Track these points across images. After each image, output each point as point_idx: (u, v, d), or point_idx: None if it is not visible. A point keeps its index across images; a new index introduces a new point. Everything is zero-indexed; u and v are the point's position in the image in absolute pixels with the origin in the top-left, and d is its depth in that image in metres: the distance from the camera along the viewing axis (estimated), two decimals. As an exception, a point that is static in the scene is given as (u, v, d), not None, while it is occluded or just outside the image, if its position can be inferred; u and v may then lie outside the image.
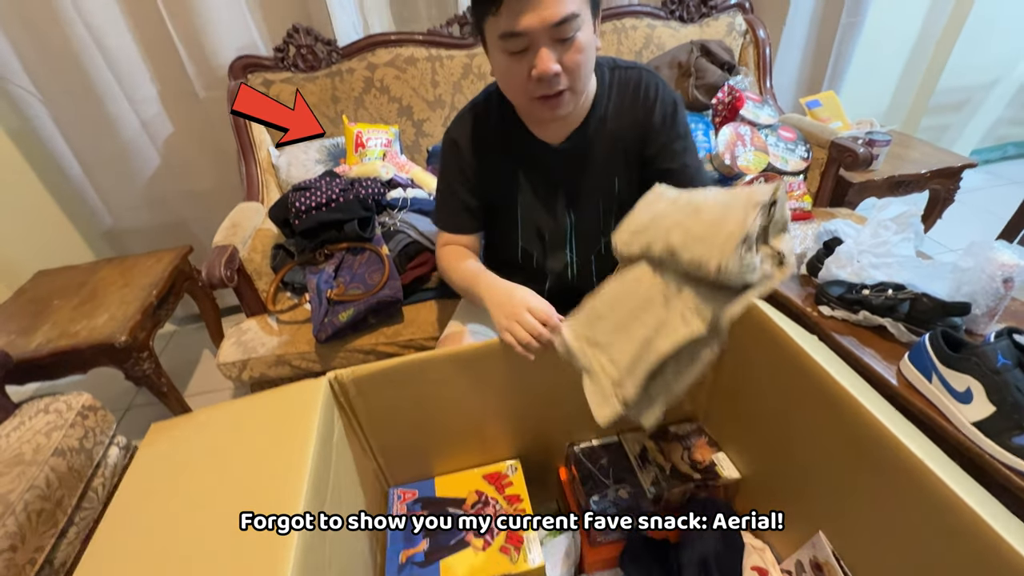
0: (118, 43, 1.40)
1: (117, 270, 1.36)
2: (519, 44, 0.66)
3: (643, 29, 1.63)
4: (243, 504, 0.50)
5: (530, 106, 0.74)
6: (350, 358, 1.14)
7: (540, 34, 0.65)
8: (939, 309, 0.87)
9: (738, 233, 0.46)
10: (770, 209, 0.48)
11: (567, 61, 0.68)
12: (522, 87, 0.71)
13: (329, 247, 1.18)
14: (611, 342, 0.59)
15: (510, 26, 0.65)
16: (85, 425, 0.94)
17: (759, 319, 0.69)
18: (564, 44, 0.67)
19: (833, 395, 0.57)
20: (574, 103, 0.75)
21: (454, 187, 0.88)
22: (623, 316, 0.58)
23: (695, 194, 0.59)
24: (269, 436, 0.61)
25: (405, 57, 1.50)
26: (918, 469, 0.48)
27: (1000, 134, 2.46)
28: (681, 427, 0.90)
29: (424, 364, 0.72)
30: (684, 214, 0.54)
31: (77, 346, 1.10)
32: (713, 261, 0.47)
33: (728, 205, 0.50)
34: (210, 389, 1.64)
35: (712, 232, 0.48)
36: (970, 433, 0.74)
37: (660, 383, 0.56)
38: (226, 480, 0.56)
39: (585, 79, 0.73)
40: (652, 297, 0.55)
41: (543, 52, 0.66)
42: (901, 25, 2.06)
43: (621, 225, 0.65)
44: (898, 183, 1.49)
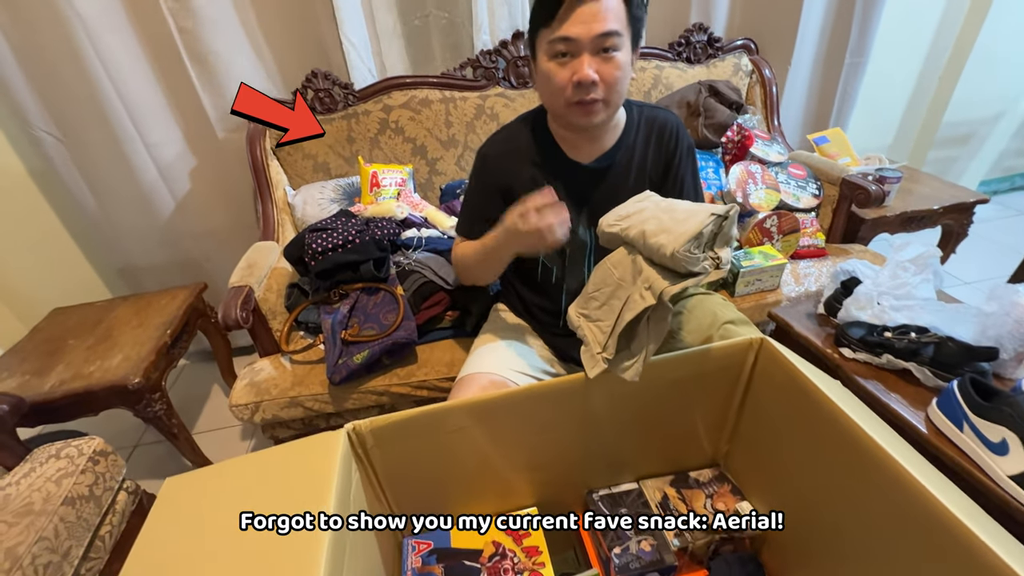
0: (139, 87, 1.44)
1: (132, 308, 1.37)
2: (565, 48, 0.76)
3: (651, 70, 1.66)
4: (261, 564, 0.49)
5: (566, 110, 0.81)
6: (363, 399, 1.12)
7: (585, 43, 0.75)
8: (965, 354, 0.85)
9: (693, 231, 0.60)
10: (722, 223, 0.62)
11: (605, 73, 0.77)
12: (561, 91, 0.79)
13: (344, 287, 1.19)
14: (599, 317, 0.72)
15: (560, 32, 0.75)
16: (96, 471, 0.93)
17: (779, 361, 0.69)
18: (604, 57, 0.76)
19: (863, 447, 0.55)
20: (606, 114, 0.82)
21: (481, 201, 0.93)
22: (606, 295, 0.72)
23: (674, 201, 0.72)
24: (286, 492, 0.60)
25: (420, 99, 1.53)
26: (958, 530, 0.46)
27: (1007, 165, 2.47)
28: (702, 473, 0.88)
29: (442, 414, 0.70)
30: (661, 211, 0.69)
31: (90, 388, 1.09)
32: (669, 247, 0.61)
33: (693, 212, 0.64)
34: (220, 426, 1.63)
35: (675, 226, 0.63)
36: (1008, 487, 0.71)
37: (638, 342, 0.68)
38: (243, 537, 0.54)
39: (618, 95, 0.81)
40: (624, 279, 0.70)
41: (585, 58, 0.76)
42: (904, 63, 2.11)
43: (610, 212, 0.75)
44: (910, 218, 1.49)
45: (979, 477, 0.75)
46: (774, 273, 1.25)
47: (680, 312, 0.90)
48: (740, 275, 1.22)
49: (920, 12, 1.99)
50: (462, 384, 0.91)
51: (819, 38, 1.83)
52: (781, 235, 1.35)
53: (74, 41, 1.32)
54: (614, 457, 0.83)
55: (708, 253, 0.63)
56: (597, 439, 0.79)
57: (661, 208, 0.70)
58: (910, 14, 1.95)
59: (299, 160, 1.53)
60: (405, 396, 1.14)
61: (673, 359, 0.73)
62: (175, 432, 1.23)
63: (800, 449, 0.68)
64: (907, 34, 2.01)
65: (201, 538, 0.56)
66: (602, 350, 0.70)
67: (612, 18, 0.74)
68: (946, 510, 0.47)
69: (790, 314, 1.11)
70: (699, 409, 0.81)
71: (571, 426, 0.75)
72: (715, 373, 0.76)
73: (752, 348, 0.74)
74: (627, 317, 0.66)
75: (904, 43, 2.03)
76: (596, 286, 0.75)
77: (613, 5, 0.75)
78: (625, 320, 0.67)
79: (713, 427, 0.84)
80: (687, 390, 0.77)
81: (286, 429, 1.20)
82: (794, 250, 1.38)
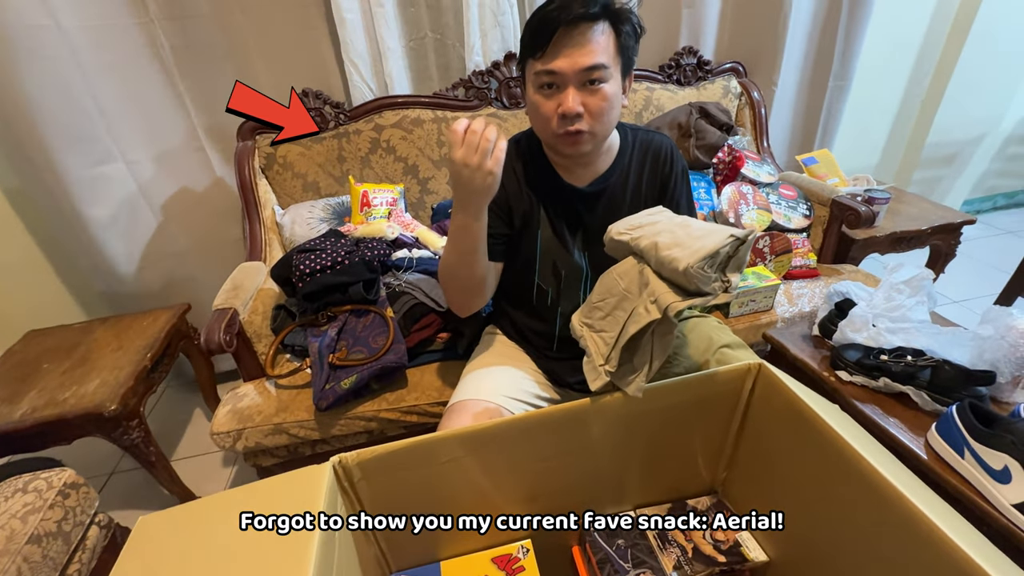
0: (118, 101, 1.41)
1: (112, 330, 1.32)
2: (551, 80, 0.76)
3: (643, 92, 1.68)
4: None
5: (554, 140, 0.82)
6: (351, 425, 1.09)
7: (570, 76, 0.75)
8: (963, 378, 0.84)
9: (710, 249, 0.59)
10: (738, 247, 0.60)
11: (591, 105, 0.77)
12: (548, 122, 0.79)
13: (332, 309, 1.16)
14: (603, 327, 0.71)
15: (546, 65, 0.75)
16: (65, 505, 0.88)
17: (777, 387, 0.67)
18: (590, 89, 0.76)
19: (863, 475, 0.54)
20: (592, 144, 0.82)
21: None
22: (611, 305, 0.71)
23: (689, 218, 0.71)
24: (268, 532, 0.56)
25: (412, 119, 1.53)
26: (963, 561, 0.45)
27: (989, 185, 2.53)
28: (700, 501, 0.85)
29: (433, 444, 0.68)
30: (676, 225, 0.68)
31: (64, 415, 1.05)
32: (683, 262, 0.60)
33: (711, 231, 0.63)
34: (202, 451, 1.57)
35: (691, 242, 0.61)
36: (1012, 516, 0.70)
37: (641, 356, 0.67)
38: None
39: (606, 125, 0.80)
40: (630, 290, 0.69)
41: (570, 91, 0.76)
42: (887, 87, 2.16)
43: (621, 220, 0.74)
44: (900, 239, 1.51)
45: (981, 505, 0.73)
46: (768, 294, 1.24)
47: (675, 336, 0.88)
48: (734, 296, 1.22)
49: (901, 39, 2.05)
50: (453, 412, 0.88)
51: (803, 62, 1.87)
52: (774, 255, 1.35)
53: (57, 59, 1.29)
54: (611, 486, 0.81)
55: (719, 275, 0.62)
56: (593, 468, 0.77)
57: (676, 223, 0.69)
58: (892, 40, 2.01)
59: (288, 179, 1.51)
60: (395, 422, 1.10)
61: (670, 385, 0.71)
62: (153, 460, 1.18)
63: (799, 476, 0.67)
64: (889, 59, 2.06)
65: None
66: (605, 362, 0.68)
67: (599, 51, 0.74)
68: (950, 540, 0.46)
69: (785, 336, 1.11)
70: (697, 435, 0.79)
71: (567, 455, 0.73)
72: (713, 399, 0.74)
73: (750, 373, 0.72)
74: (631, 330, 0.65)
75: (887, 68, 2.08)
76: (601, 296, 0.73)
77: (600, 39, 0.74)
78: (629, 333, 0.65)
79: (711, 454, 0.82)
80: (684, 416, 0.75)
81: (270, 457, 1.15)
82: (787, 270, 1.38)
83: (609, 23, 0.75)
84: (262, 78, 1.52)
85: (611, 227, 0.74)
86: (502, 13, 1.54)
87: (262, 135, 1.48)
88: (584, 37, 0.73)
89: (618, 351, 0.66)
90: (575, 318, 0.76)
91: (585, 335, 0.73)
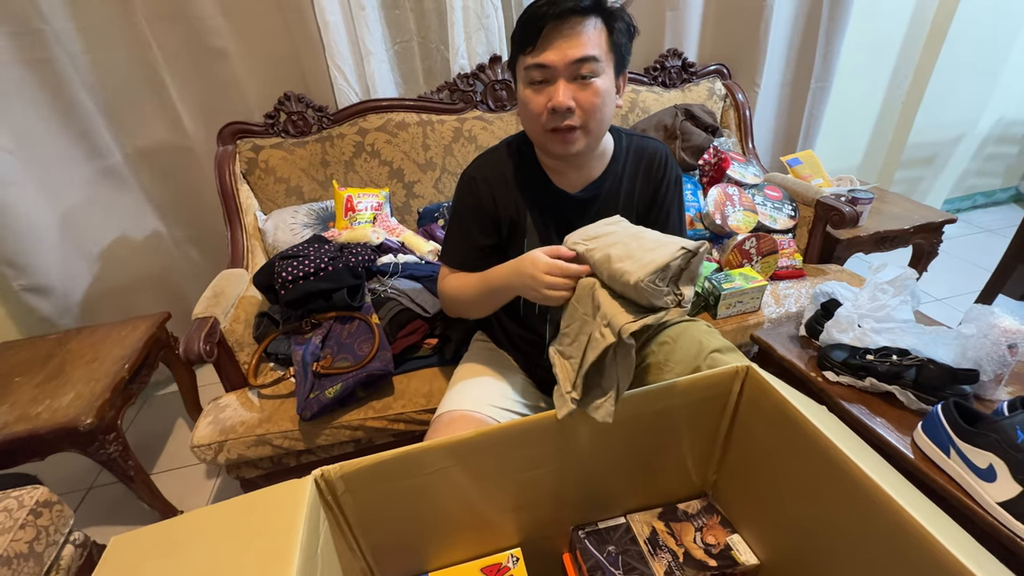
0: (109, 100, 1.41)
1: (88, 341, 1.28)
2: (541, 75, 0.75)
3: (629, 94, 1.69)
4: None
5: (544, 138, 0.80)
6: (336, 435, 1.07)
7: (561, 69, 0.73)
8: (947, 376, 0.85)
9: (660, 262, 0.58)
10: (690, 260, 0.60)
11: (582, 100, 0.75)
12: (538, 118, 0.77)
13: (316, 316, 1.14)
14: (571, 354, 0.70)
15: (536, 59, 0.74)
16: (38, 525, 0.85)
17: (764, 389, 0.67)
18: (582, 84, 0.74)
19: (851, 476, 0.54)
20: (585, 143, 0.79)
21: (467, 224, 0.89)
22: (575, 331, 0.70)
23: (643, 229, 0.71)
24: (245, 552, 0.54)
25: (396, 122, 1.51)
26: (949, 562, 0.45)
27: (968, 184, 2.58)
28: (690, 505, 0.85)
29: (419, 455, 0.66)
30: (630, 237, 0.67)
31: (36, 431, 1.01)
32: (634, 276, 0.59)
33: (662, 243, 0.62)
34: (184, 464, 1.53)
35: (642, 255, 0.61)
36: (998, 515, 0.70)
37: (608, 379, 0.65)
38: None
39: (599, 122, 0.78)
40: (587, 314, 0.68)
41: (560, 85, 0.74)
42: (868, 89, 2.20)
43: (577, 231, 0.73)
44: (883, 238, 1.52)
45: (967, 503, 0.74)
46: (755, 295, 1.25)
47: (665, 342, 0.87)
48: (722, 297, 1.22)
49: (880, 42, 2.09)
50: (440, 422, 0.86)
51: (785, 63, 1.90)
52: (760, 256, 1.36)
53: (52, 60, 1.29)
54: (601, 492, 0.80)
55: (671, 288, 0.61)
56: (583, 474, 0.76)
57: (630, 234, 0.68)
58: (871, 44, 2.04)
59: (271, 184, 1.48)
60: (381, 430, 1.08)
61: (658, 390, 0.70)
62: (132, 475, 1.14)
63: (788, 478, 0.67)
64: (869, 62, 2.10)
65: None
66: (572, 389, 0.67)
67: (590, 44, 0.73)
68: (937, 541, 0.46)
69: (772, 337, 1.11)
70: (686, 439, 0.78)
71: (556, 462, 0.72)
72: (701, 402, 0.74)
73: (738, 376, 0.72)
74: (591, 357, 0.64)
75: (867, 70, 2.12)
76: (567, 322, 0.73)
77: (591, 32, 0.73)
78: (589, 360, 0.64)
79: (700, 457, 0.82)
80: (674, 420, 0.74)
81: (253, 469, 1.13)
82: (773, 271, 1.39)
83: (601, 19, 0.74)
84: (246, 81, 1.50)
85: (568, 237, 0.73)
86: (486, 16, 1.54)
87: (243, 139, 1.46)
88: (575, 30, 0.72)
89: (581, 377, 0.65)
90: (552, 348, 0.75)
91: (556, 363, 0.72)
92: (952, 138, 2.32)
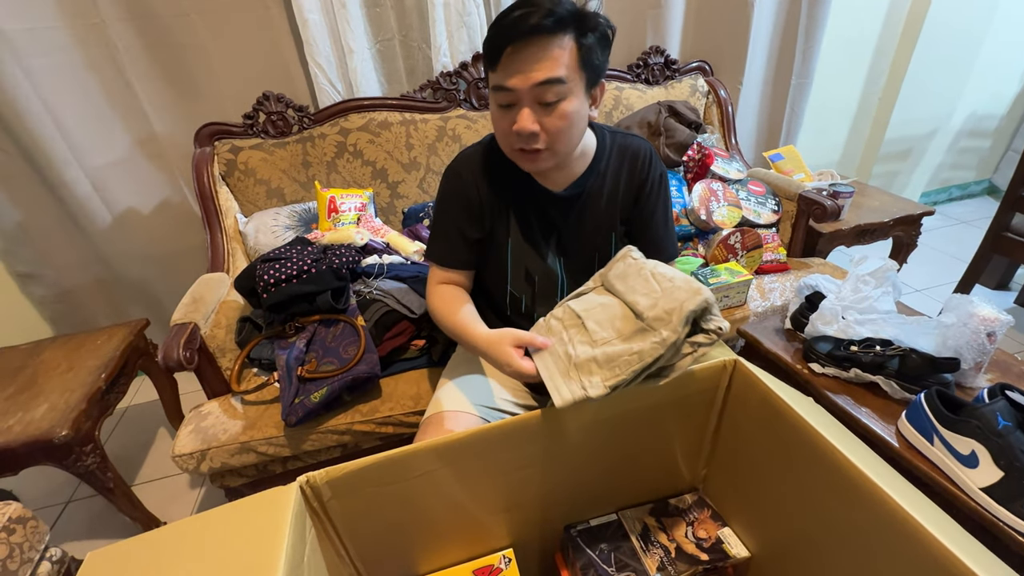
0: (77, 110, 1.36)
1: (62, 351, 1.24)
2: (506, 99, 0.73)
3: (612, 91, 1.69)
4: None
5: (513, 155, 0.79)
6: (323, 439, 1.05)
7: (524, 93, 0.71)
8: (929, 365, 0.86)
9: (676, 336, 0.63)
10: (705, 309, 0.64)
11: (548, 124, 0.73)
12: (506, 137, 0.77)
13: (300, 319, 1.11)
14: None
15: (500, 81, 0.71)
16: (11, 542, 0.81)
17: (752, 382, 0.68)
18: (547, 108, 0.72)
19: (838, 466, 0.55)
20: (553, 161, 0.79)
21: (454, 217, 0.87)
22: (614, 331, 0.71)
23: (659, 267, 0.72)
24: (229, 561, 0.53)
25: (379, 121, 1.49)
26: (936, 548, 0.46)
27: (943, 178, 2.64)
28: (682, 500, 0.85)
29: (407, 458, 0.65)
30: (656, 282, 0.69)
31: (9, 445, 0.97)
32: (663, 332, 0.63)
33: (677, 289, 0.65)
34: (167, 473, 1.49)
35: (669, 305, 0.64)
36: (980, 499, 0.71)
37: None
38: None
39: (565, 143, 0.77)
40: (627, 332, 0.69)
41: (524, 111, 0.72)
42: (846, 86, 2.24)
43: (568, 300, 0.77)
44: (864, 231, 1.55)
45: (951, 490, 0.75)
46: (741, 289, 1.26)
47: None
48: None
49: (857, 41, 2.13)
50: (429, 424, 0.85)
51: (766, 61, 1.92)
52: (745, 251, 1.37)
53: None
54: (592, 489, 0.80)
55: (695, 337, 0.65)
56: (573, 473, 0.75)
57: (653, 276, 0.70)
58: (848, 42, 2.08)
59: (251, 186, 1.45)
60: (369, 434, 1.07)
61: (647, 386, 0.70)
62: (111, 487, 1.11)
63: (777, 470, 0.68)
64: (847, 60, 2.14)
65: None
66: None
67: (556, 65, 0.68)
68: (923, 529, 0.47)
69: (758, 330, 1.12)
70: (676, 434, 0.79)
71: (545, 461, 0.71)
72: (690, 397, 0.74)
73: (726, 371, 0.72)
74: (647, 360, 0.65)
75: (845, 67, 2.16)
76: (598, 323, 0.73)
77: (557, 52, 0.68)
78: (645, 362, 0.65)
79: (690, 451, 0.82)
80: (663, 416, 0.74)
81: (238, 477, 1.10)
82: (758, 265, 1.40)
83: (570, 36, 0.69)
84: (222, 81, 1.47)
85: (552, 312, 0.77)
86: (468, 13, 1.53)
87: (221, 140, 1.42)
88: (540, 52, 0.68)
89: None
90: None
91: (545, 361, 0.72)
92: (927, 133, 2.38)
